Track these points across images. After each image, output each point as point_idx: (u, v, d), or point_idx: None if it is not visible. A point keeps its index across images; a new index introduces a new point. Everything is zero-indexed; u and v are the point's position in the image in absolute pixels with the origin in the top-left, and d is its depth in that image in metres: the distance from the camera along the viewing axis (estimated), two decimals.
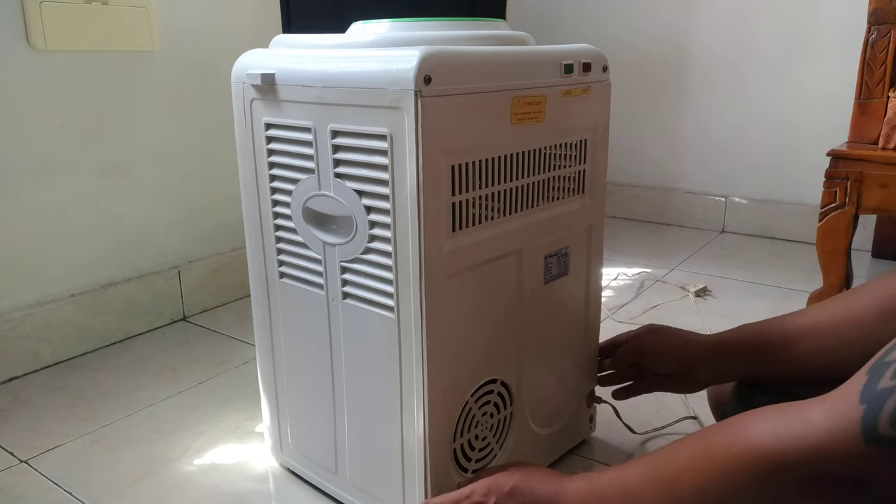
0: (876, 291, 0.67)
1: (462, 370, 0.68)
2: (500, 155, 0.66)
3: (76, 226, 1.19)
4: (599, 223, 0.82)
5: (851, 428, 0.43)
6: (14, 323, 1.11)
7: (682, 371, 0.80)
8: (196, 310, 1.38)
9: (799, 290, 1.46)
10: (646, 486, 0.55)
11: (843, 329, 0.68)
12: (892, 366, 0.43)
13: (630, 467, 0.58)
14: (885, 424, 0.41)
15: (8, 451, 0.92)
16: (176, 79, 1.30)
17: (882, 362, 0.44)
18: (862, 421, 0.42)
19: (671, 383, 0.83)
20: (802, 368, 0.72)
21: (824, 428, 0.44)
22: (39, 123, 1.12)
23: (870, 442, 0.42)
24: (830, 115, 1.70)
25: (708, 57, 1.89)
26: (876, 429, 0.42)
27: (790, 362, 0.72)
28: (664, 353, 0.82)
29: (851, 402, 0.43)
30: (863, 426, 0.42)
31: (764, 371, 0.75)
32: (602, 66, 0.75)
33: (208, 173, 1.38)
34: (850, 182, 1.12)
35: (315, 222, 0.70)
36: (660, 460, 0.56)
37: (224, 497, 0.82)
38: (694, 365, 0.79)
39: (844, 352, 0.67)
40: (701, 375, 0.79)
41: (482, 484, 0.65)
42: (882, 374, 0.43)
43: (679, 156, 2.00)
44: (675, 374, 0.81)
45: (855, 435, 0.42)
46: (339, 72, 0.63)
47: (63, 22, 1.11)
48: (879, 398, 0.42)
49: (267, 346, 0.81)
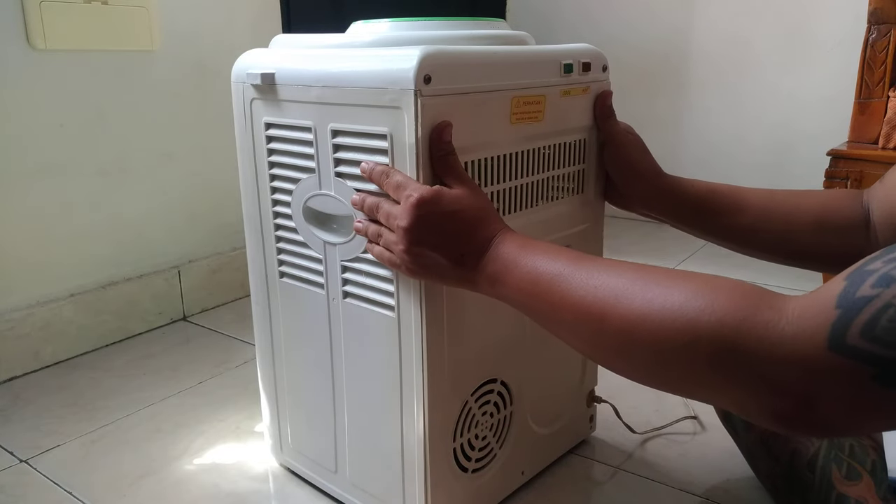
0: (821, 198, 0.71)
1: (462, 370, 0.68)
2: (499, 154, 0.66)
3: (76, 225, 1.19)
4: (599, 222, 0.82)
5: (818, 331, 0.40)
6: (14, 323, 1.11)
7: (626, 181, 0.77)
8: (196, 309, 1.38)
9: (799, 290, 1.46)
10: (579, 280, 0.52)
11: (787, 221, 0.71)
12: (874, 274, 0.40)
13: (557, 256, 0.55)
14: (854, 333, 0.39)
15: (8, 451, 0.92)
16: (176, 79, 1.30)
17: (863, 270, 0.41)
18: (832, 326, 0.39)
19: (612, 189, 0.80)
20: (736, 238, 0.75)
21: (791, 322, 0.41)
22: (39, 123, 1.12)
23: (832, 349, 0.39)
24: (829, 115, 1.71)
25: (707, 57, 1.89)
26: (844, 336, 0.39)
27: (729, 229, 0.75)
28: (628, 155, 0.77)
29: (825, 306, 0.40)
30: (830, 331, 0.39)
31: (698, 226, 0.76)
32: (602, 66, 0.76)
33: (208, 173, 1.38)
34: (850, 182, 1.12)
35: (316, 222, 0.70)
36: (588, 265, 0.53)
37: (224, 497, 0.82)
38: (637, 182, 0.76)
39: (776, 240, 0.72)
40: (637, 193, 0.77)
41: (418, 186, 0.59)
42: (862, 283, 0.40)
43: (678, 155, 2.00)
44: (621, 178, 0.78)
45: (820, 339, 0.40)
46: (340, 71, 0.63)
47: (63, 22, 1.11)
48: (856, 306, 0.39)
49: (267, 345, 0.81)
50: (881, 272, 0.40)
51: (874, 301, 0.39)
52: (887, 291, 0.39)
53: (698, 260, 1.69)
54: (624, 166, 0.77)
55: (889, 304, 0.38)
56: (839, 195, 0.71)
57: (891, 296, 0.39)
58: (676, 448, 0.88)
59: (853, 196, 0.70)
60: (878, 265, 0.41)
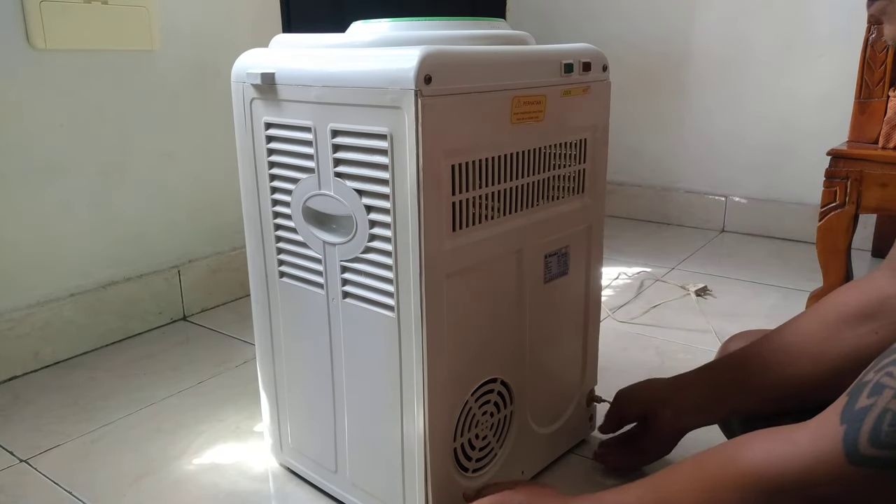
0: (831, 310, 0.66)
1: (462, 369, 0.68)
2: (500, 154, 0.66)
3: (76, 225, 1.19)
4: (599, 222, 0.82)
5: (834, 449, 0.43)
6: (14, 322, 1.11)
7: (649, 414, 0.79)
8: (196, 309, 1.38)
9: (799, 290, 1.46)
10: None
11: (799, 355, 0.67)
12: (868, 385, 0.43)
13: (628, 490, 0.59)
14: (864, 443, 0.42)
15: (8, 451, 0.92)
16: (176, 79, 1.30)
17: (860, 383, 0.44)
18: (843, 442, 0.42)
19: (646, 431, 0.80)
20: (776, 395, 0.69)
21: (809, 451, 0.44)
22: (39, 123, 1.12)
23: (853, 463, 0.42)
24: (829, 115, 1.71)
25: (708, 56, 1.89)
26: (857, 449, 0.42)
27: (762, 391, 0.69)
28: (635, 398, 0.81)
29: (833, 424, 0.44)
30: (844, 447, 0.42)
31: (735, 403, 0.73)
32: (602, 66, 0.76)
33: (208, 173, 1.38)
34: (850, 181, 1.12)
35: (315, 222, 0.70)
36: (657, 483, 0.57)
37: (224, 496, 0.82)
38: (656, 404, 0.78)
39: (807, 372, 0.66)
40: (666, 416, 0.77)
41: (489, 501, 0.66)
42: (860, 394, 0.43)
43: (679, 155, 2.00)
44: (645, 420, 0.80)
45: (838, 456, 0.43)
46: (340, 71, 0.63)
47: (63, 22, 1.11)
48: (858, 418, 0.42)
49: (267, 345, 0.81)
50: (874, 382, 0.43)
51: (872, 410, 0.42)
52: (881, 398, 0.42)
53: (698, 259, 1.69)
54: (633, 410, 0.82)
55: (885, 409, 0.41)
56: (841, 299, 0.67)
57: (885, 402, 0.42)
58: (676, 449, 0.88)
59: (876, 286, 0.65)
60: (872, 375, 0.44)
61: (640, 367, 1.12)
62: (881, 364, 0.44)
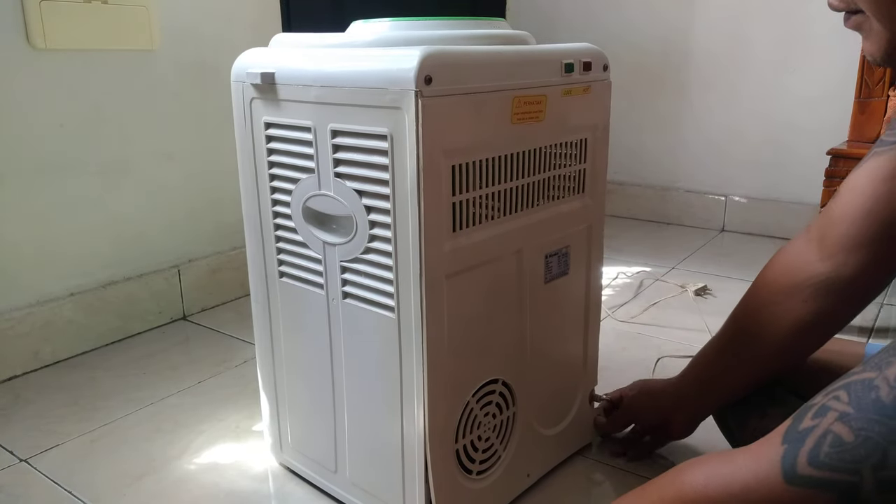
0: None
1: (463, 370, 0.68)
2: (500, 155, 0.66)
3: (76, 225, 1.19)
4: (599, 222, 0.82)
5: (772, 469, 0.43)
6: (14, 322, 1.11)
7: (663, 423, 0.84)
8: (196, 309, 1.38)
9: None
10: None
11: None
12: (814, 407, 0.43)
13: None
14: (803, 463, 0.41)
15: (8, 450, 0.92)
16: (176, 79, 1.30)
17: (807, 406, 0.44)
18: (782, 462, 0.42)
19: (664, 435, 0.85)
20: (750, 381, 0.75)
21: (749, 471, 0.44)
22: (39, 123, 1.12)
23: (790, 483, 0.41)
24: (828, 114, 1.71)
25: (707, 56, 1.89)
26: (795, 469, 0.41)
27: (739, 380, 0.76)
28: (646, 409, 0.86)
29: (774, 445, 0.43)
30: (783, 467, 0.42)
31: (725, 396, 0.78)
32: (602, 66, 0.75)
33: (208, 173, 1.38)
34: None
35: (315, 222, 0.70)
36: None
37: (223, 496, 0.82)
38: (667, 413, 0.83)
39: None
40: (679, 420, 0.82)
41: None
42: (805, 416, 0.43)
43: (679, 155, 2.00)
44: (661, 427, 0.84)
45: (776, 476, 0.42)
46: (340, 71, 0.63)
47: (63, 21, 1.11)
48: (799, 438, 0.42)
49: (267, 345, 0.81)
50: (819, 404, 0.43)
51: (814, 431, 0.41)
52: (825, 420, 0.41)
53: (698, 259, 1.69)
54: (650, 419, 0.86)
55: (827, 430, 0.41)
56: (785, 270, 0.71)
57: (828, 423, 0.41)
58: (678, 448, 0.88)
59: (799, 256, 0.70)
60: (819, 398, 0.44)
61: (640, 366, 1.12)
62: (830, 388, 0.44)
